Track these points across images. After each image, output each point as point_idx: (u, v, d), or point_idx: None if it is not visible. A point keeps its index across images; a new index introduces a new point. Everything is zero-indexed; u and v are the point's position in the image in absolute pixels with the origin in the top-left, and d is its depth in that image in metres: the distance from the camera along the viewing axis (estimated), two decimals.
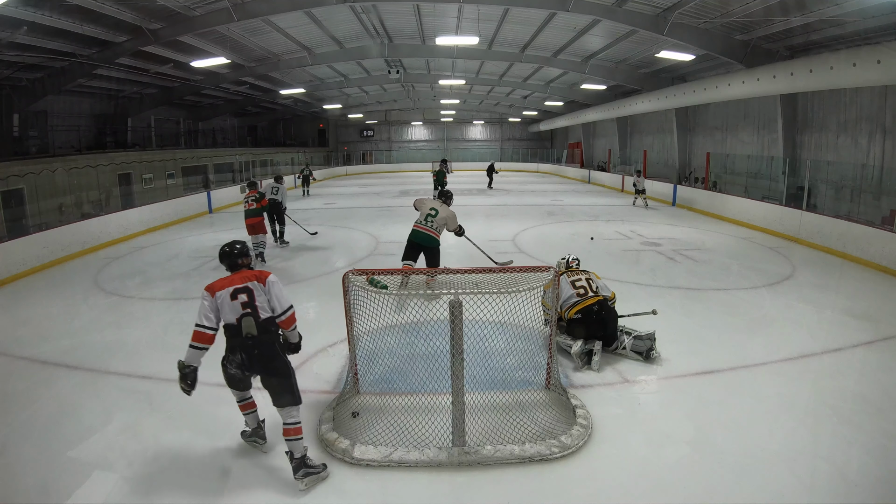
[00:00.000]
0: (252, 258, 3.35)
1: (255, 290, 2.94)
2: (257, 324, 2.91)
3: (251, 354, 2.94)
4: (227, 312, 2.91)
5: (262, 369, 3.00)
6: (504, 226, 11.80)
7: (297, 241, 10.11)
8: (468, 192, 19.66)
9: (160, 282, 7.43)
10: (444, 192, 6.68)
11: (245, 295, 2.92)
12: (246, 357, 2.94)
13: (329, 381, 4.19)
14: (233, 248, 3.14)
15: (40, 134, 15.42)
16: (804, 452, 3.20)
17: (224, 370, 3.03)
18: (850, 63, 8.94)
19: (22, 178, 12.07)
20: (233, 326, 2.91)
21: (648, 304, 6.09)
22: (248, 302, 2.91)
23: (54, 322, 5.78)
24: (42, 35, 10.83)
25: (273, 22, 12.77)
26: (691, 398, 3.91)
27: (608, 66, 16.94)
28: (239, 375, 3.02)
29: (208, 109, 24.38)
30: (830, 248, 8.72)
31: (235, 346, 2.94)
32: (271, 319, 2.97)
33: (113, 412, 3.76)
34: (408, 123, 37.72)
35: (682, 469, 3.07)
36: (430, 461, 3.11)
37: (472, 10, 11.94)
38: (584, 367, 4.37)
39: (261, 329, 2.92)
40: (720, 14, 10.41)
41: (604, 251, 9.16)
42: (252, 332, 2.90)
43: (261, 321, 2.93)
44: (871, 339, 4.99)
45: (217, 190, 16.32)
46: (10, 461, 3.21)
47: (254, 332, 2.91)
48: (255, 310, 2.91)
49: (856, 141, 10.97)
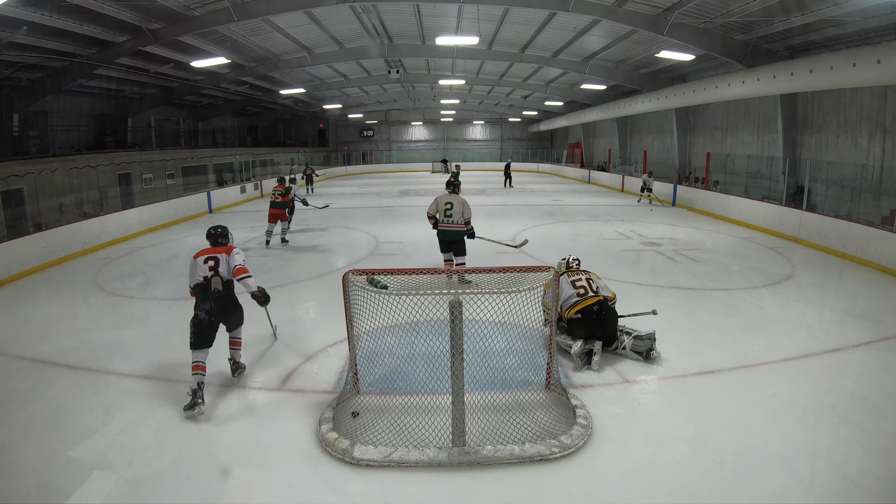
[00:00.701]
0: (230, 239, 4.35)
1: (221, 259, 4.02)
2: (222, 282, 3.96)
3: (218, 305, 3.95)
4: (198, 273, 3.96)
5: (225, 317, 4.07)
6: (504, 226, 11.79)
7: (297, 241, 10.13)
8: (469, 193, 19.65)
9: (160, 282, 7.43)
10: (451, 183, 7.08)
11: (213, 262, 3.99)
12: (214, 306, 3.91)
13: (329, 381, 4.19)
14: (216, 230, 4.33)
15: (40, 134, 15.40)
16: (804, 452, 3.20)
17: (194, 317, 3.86)
18: (850, 63, 8.94)
19: (22, 178, 12.06)
20: (201, 284, 3.93)
21: (648, 304, 6.09)
22: (214, 266, 3.97)
23: (54, 322, 5.78)
24: (42, 35, 10.82)
25: (273, 22, 12.77)
26: (691, 398, 3.91)
27: (608, 66, 16.94)
28: (207, 321, 3.86)
29: (208, 109, 24.38)
30: (830, 248, 8.72)
31: (206, 298, 3.90)
32: (231, 282, 4.03)
33: (113, 412, 3.76)
34: (408, 123, 37.71)
35: (682, 469, 3.07)
36: (430, 461, 3.11)
37: (472, 10, 11.94)
38: (584, 367, 4.37)
39: (225, 286, 3.97)
40: (720, 14, 10.41)
41: (604, 251, 9.17)
42: (219, 287, 3.92)
43: (224, 281, 3.98)
44: (871, 339, 4.98)
45: (217, 190, 16.33)
46: (10, 461, 3.21)
47: (220, 288, 3.93)
48: (217, 273, 3.95)
49: (856, 141, 10.97)
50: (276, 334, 5.12)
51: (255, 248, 9.63)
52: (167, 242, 10.53)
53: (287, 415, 3.70)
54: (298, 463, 3.16)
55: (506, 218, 13.12)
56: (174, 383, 4.18)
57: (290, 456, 3.22)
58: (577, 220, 12.61)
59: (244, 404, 3.89)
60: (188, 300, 4.13)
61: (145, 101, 18.76)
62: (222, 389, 4.09)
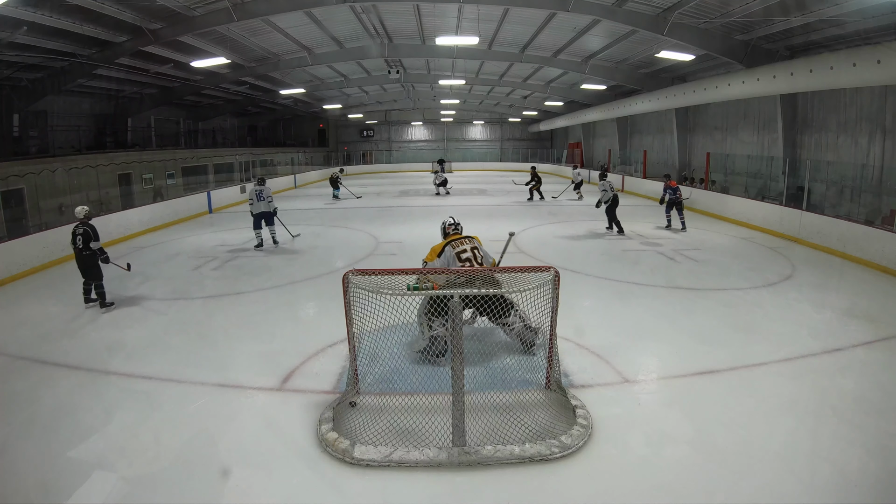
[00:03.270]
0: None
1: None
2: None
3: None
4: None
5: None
6: (504, 226, 11.78)
7: (297, 241, 10.12)
8: (469, 193, 19.67)
9: (160, 282, 7.43)
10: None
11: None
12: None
13: (329, 381, 4.19)
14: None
15: (40, 134, 15.41)
16: (804, 452, 3.20)
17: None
18: (850, 63, 8.94)
19: (22, 178, 12.06)
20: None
21: (649, 304, 6.12)
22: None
23: (54, 322, 5.78)
24: (42, 35, 10.82)
25: (273, 22, 12.77)
26: (691, 398, 3.91)
27: (608, 66, 16.93)
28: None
29: (208, 109, 24.38)
30: (830, 248, 8.72)
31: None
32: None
33: (113, 412, 3.77)
34: (408, 123, 37.71)
35: (682, 469, 3.07)
36: (430, 461, 3.11)
37: (472, 10, 11.94)
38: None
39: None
40: (720, 14, 10.41)
41: (604, 251, 9.17)
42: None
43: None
44: (871, 339, 4.98)
45: (217, 190, 16.33)
46: (10, 461, 3.21)
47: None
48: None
49: (856, 141, 10.97)
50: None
51: (255, 248, 9.63)
52: (167, 242, 10.53)
53: (287, 415, 3.69)
54: (298, 463, 3.16)
55: (506, 218, 13.12)
56: (174, 383, 4.18)
57: (290, 456, 3.22)
58: (577, 221, 12.60)
59: (244, 404, 3.89)
60: (188, 300, 4.16)
61: (145, 101, 18.76)
62: (222, 389, 4.09)
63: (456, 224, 4.81)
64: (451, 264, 4.33)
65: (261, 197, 9.35)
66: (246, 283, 7.29)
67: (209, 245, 10.07)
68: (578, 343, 4.80)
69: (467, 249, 4.43)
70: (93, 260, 6.06)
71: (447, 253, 4.40)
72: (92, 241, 5.99)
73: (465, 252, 4.40)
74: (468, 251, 4.42)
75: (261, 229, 9.54)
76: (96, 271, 6.10)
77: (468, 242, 4.50)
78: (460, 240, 4.52)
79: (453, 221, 4.83)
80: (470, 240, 4.55)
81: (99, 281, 6.11)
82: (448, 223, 4.82)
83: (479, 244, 4.58)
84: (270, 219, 9.54)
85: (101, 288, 6.16)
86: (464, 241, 4.51)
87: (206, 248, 9.82)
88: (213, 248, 9.81)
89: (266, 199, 9.38)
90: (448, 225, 4.81)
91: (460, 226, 4.82)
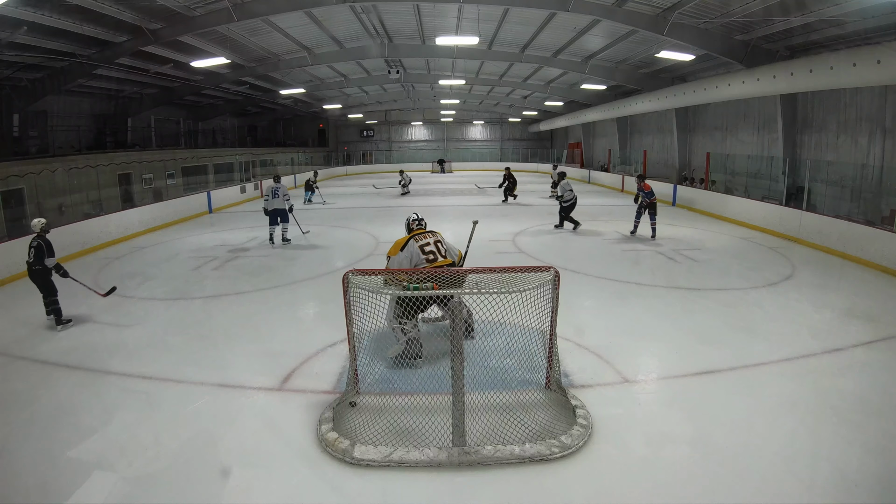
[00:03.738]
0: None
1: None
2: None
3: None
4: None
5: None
6: (504, 225, 11.80)
7: (297, 242, 10.12)
8: (468, 193, 19.67)
9: (160, 282, 7.43)
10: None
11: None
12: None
13: (329, 381, 4.19)
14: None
15: (40, 134, 15.39)
16: (804, 452, 3.20)
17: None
18: (850, 63, 8.94)
19: (22, 178, 12.05)
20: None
21: (649, 304, 6.12)
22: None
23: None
24: (42, 35, 10.82)
25: (273, 22, 12.76)
26: (691, 398, 3.91)
27: (608, 66, 16.93)
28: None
29: (208, 109, 24.37)
30: (830, 248, 8.72)
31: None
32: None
33: (113, 412, 3.76)
34: (408, 123, 37.70)
35: (682, 469, 3.07)
36: (430, 461, 3.11)
37: (472, 10, 11.93)
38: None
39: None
40: (720, 14, 10.40)
41: (604, 251, 9.16)
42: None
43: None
44: (871, 339, 4.98)
45: (217, 190, 16.33)
46: (11, 461, 3.21)
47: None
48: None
49: (856, 141, 10.96)
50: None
51: (255, 248, 9.63)
52: (167, 242, 10.52)
53: (287, 415, 3.69)
54: (298, 463, 3.16)
55: (506, 218, 13.11)
56: (174, 383, 4.18)
57: (290, 456, 3.22)
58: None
59: (244, 404, 3.89)
60: (188, 300, 4.16)
61: (145, 101, 18.76)
62: (222, 389, 4.09)
63: (420, 219, 5.00)
64: (415, 257, 4.47)
65: (276, 194, 9.62)
66: (246, 283, 7.29)
67: (209, 245, 10.07)
68: (578, 343, 4.80)
69: (430, 242, 4.56)
70: (44, 275, 5.58)
71: (410, 246, 4.51)
72: (46, 257, 5.52)
73: (429, 245, 4.53)
74: (431, 244, 4.55)
75: (277, 225, 9.80)
76: (49, 286, 5.61)
77: (431, 236, 4.64)
78: (423, 234, 4.66)
79: (417, 217, 5.02)
80: (433, 234, 4.69)
81: (53, 297, 5.61)
82: (412, 219, 5.00)
83: (442, 238, 4.72)
84: (286, 216, 9.75)
85: (55, 304, 5.62)
86: (426, 234, 4.65)
87: (206, 248, 9.82)
88: (213, 248, 9.81)
89: (283, 196, 9.67)
90: (412, 220, 4.99)
91: (424, 221, 5.00)
